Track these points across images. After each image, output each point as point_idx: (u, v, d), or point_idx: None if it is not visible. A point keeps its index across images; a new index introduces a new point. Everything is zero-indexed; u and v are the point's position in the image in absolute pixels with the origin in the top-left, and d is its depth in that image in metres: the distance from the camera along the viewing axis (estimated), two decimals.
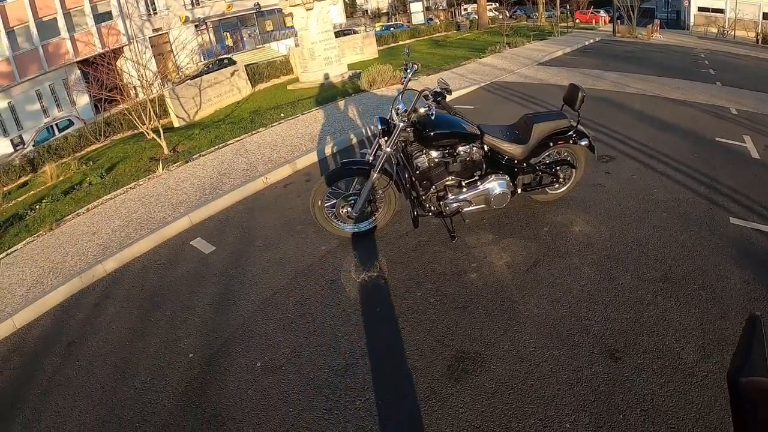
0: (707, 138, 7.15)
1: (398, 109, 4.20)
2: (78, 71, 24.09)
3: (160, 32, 28.71)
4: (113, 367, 3.77)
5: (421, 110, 4.04)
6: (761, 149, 6.63)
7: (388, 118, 4.36)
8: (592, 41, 20.96)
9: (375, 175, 4.34)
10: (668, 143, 6.85)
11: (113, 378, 3.66)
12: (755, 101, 9.91)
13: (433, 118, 4.04)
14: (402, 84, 4.45)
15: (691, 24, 35.53)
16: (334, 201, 4.61)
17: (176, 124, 13.03)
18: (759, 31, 29.58)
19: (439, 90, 4.18)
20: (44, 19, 24.17)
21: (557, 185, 4.92)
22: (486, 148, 4.44)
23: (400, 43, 24.00)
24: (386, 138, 4.23)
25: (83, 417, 3.33)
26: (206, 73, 14.86)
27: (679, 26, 36.36)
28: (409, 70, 4.45)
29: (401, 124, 4.12)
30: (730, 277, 3.78)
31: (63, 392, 3.62)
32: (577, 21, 34.12)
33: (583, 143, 4.69)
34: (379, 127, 4.27)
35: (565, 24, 27.85)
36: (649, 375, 2.93)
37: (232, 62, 19.31)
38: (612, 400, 2.78)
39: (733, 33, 31.27)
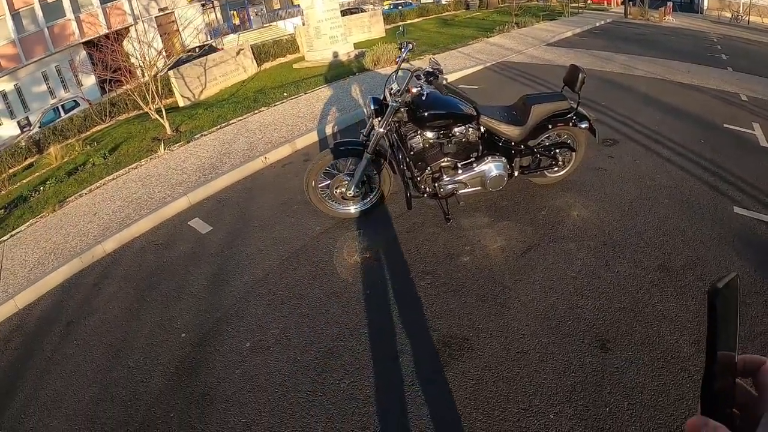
0: (715, 124, 7.00)
1: (391, 89, 4.14)
2: (84, 52, 23.99)
3: (165, 11, 28.47)
4: (109, 347, 3.80)
5: (413, 90, 3.97)
6: None
7: (381, 98, 4.30)
8: (602, 22, 20.57)
9: (368, 155, 4.29)
10: (675, 128, 6.72)
11: (108, 357, 3.69)
12: (767, 88, 9.69)
13: (424, 98, 3.98)
14: (397, 64, 4.37)
15: (705, 8, 34.71)
16: (329, 181, 4.57)
17: (181, 104, 12.96)
18: None
19: (430, 70, 4.11)
20: (49, 0, 24.02)
21: (556, 168, 4.85)
22: (482, 129, 4.37)
23: (408, 21, 23.68)
24: (380, 118, 4.17)
25: (79, 395, 3.37)
26: (183, 63, 14.46)
27: (693, 9, 35.52)
28: (403, 50, 4.36)
29: (394, 105, 4.06)
30: (731, 269, 3.69)
31: (60, 371, 3.65)
32: (589, 2, 33.34)
33: (583, 126, 4.59)
34: (372, 108, 4.21)
35: (576, 4, 27.24)
36: (640, 367, 2.88)
37: (214, 49, 18.98)
38: (599, 392, 2.74)
39: (747, 18, 30.56)
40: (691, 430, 0.54)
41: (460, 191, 4.39)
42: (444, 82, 4.38)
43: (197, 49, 19.67)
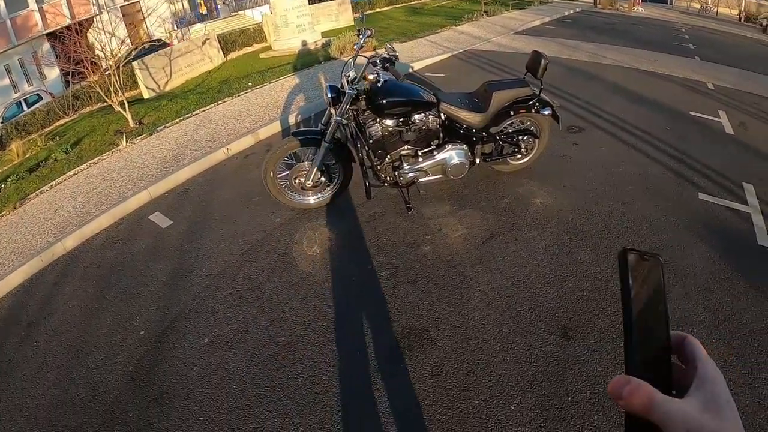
0: (681, 112, 7.08)
1: (348, 77, 4.07)
2: (47, 44, 23.27)
3: (131, 1, 27.74)
4: (69, 347, 3.70)
5: (370, 77, 3.91)
6: (735, 125, 6.58)
7: (339, 86, 4.22)
8: (571, 12, 20.60)
9: (326, 144, 4.22)
10: (641, 116, 6.78)
11: (68, 357, 3.59)
12: (733, 77, 9.79)
13: (379, 85, 3.92)
14: (355, 51, 4.30)
15: None
16: (288, 172, 4.50)
17: (146, 96, 12.63)
18: (742, 8, 29.22)
19: (387, 56, 4.06)
20: None
21: (519, 155, 4.84)
22: (443, 116, 4.33)
23: (377, 10, 23.42)
24: (337, 107, 4.10)
25: (39, 398, 3.27)
26: (138, 58, 13.97)
27: (662, 0, 35.96)
28: (362, 37, 4.29)
29: (351, 92, 3.99)
30: (695, 255, 3.75)
31: (21, 374, 3.54)
32: None
33: (546, 112, 4.58)
34: (329, 96, 4.11)
35: None
36: (603, 356, 2.88)
37: (164, 45, 18.46)
38: (561, 382, 2.74)
39: (715, 10, 31.00)
40: (613, 392, 0.50)
41: (420, 179, 4.36)
42: (410, 70, 4.33)
43: (147, 45, 19.07)
